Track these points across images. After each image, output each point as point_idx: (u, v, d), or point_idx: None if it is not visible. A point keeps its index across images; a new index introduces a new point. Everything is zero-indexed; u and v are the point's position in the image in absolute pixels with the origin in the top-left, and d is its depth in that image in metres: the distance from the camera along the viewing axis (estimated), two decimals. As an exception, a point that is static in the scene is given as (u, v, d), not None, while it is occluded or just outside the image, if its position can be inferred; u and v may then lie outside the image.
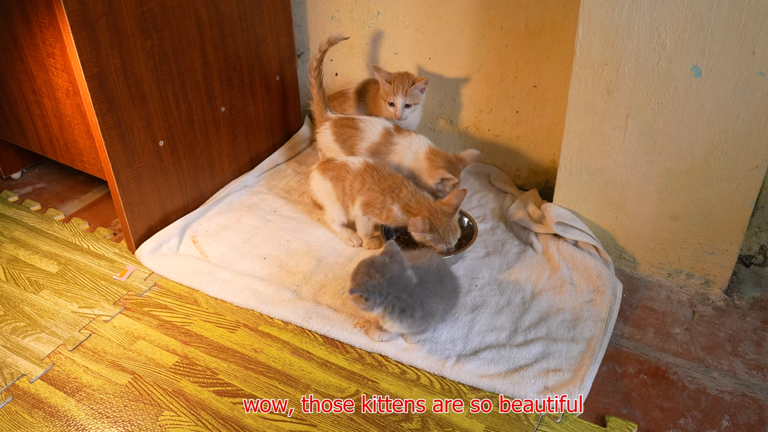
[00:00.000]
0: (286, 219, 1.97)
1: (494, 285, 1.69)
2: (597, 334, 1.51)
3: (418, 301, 1.38)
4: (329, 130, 1.96)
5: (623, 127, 1.57)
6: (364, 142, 1.91)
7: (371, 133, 1.92)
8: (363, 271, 1.36)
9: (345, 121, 1.96)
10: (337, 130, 1.94)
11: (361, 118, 1.95)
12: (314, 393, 1.41)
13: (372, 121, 1.93)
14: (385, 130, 1.92)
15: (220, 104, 1.97)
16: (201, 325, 1.60)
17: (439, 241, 1.67)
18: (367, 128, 1.92)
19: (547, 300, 1.63)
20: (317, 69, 1.96)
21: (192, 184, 1.96)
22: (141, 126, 1.72)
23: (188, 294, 1.70)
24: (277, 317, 1.61)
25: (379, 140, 1.91)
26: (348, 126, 1.94)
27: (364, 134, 1.92)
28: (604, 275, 1.66)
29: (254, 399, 1.39)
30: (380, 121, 1.94)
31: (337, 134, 1.94)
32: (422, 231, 1.64)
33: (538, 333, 1.53)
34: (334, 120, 1.97)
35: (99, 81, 1.58)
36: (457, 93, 2.11)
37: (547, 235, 1.80)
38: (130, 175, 1.75)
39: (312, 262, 1.78)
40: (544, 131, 2.01)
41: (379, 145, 1.91)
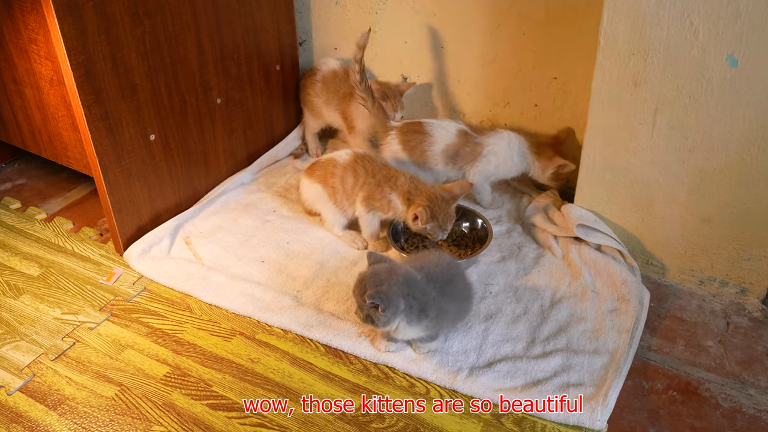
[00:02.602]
0: (285, 219, 1.97)
1: (510, 292, 1.68)
2: (621, 346, 1.50)
3: (432, 297, 1.39)
4: (396, 139, 1.93)
5: (651, 122, 1.56)
6: (436, 146, 1.90)
7: (443, 135, 1.90)
8: (371, 282, 1.35)
9: (411, 126, 1.92)
10: (403, 137, 1.92)
11: (429, 121, 1.93)
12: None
13: (441, 124, 1.92)
14: (461, 132, 1.90)
15: (215, 96, 1.96)
16: (194, 333, 1.59)
17: (437, 229, 1.69)
18: (437, 131, 1.90)
19: (568, 308, 1.62)
20: (363, 81, 1.89)
21: (185, 181, 1.96)
22: (130, 119, 1.72)
23: (180, 300, 1.69)
24: (276, 325, 1.60)
25: (456, 142, 1.89)
26: (415, 131, 1.91)
27: (434, 138, 1.90)
28: (630, 282, 1.65)
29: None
30: (450, 122, 1.93)
31: (404, 142, 1.91)
32: (423, 223, 1.67)
33: (558, 344, 1.52)
34: (399, 127, 1.94)
35: (85, 70, 1.57)
36: (471, 85, 2.11)
37: (568, 239, 1.80)
38: (119, 172, 1.74)
39: (313, 266, 1.77)
40: (564, 126, 2.00)
41: (457, 147, 1.89)
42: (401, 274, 1.37)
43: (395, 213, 1.75)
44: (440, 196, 1.70)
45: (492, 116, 2.12)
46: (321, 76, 2.17)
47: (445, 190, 1.72)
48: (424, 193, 1.70)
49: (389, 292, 1.34)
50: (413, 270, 1.41)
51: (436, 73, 2.16)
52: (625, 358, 1.48)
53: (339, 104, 2.14)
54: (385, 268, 1.37)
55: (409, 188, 1.72)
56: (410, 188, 1.72)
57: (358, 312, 1.40)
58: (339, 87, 2.13)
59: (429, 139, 1.90)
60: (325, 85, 2.15)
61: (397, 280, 1.35)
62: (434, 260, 1.48)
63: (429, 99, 2.22)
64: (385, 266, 1.38)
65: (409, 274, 1.38)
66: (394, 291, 1.34)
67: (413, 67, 2.19)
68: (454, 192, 1.72)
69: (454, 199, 1.72)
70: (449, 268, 1.48)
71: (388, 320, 1.36)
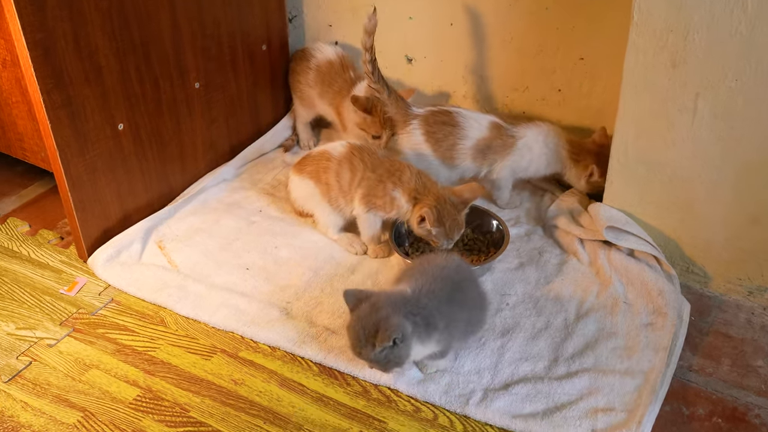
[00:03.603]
0: (273, 220, 1.96)
1: (529, 303, 1.68)
2: (658, 365, 1.50)
3: (434, 307, 1.39)
4: (419, 129, 1.92)
5: (692, 109, 1.56)
6: (467, 140, 1.90)
7: (475, 129, 1.90)
8: (369, 325, 1.34)
9: (438, 116, 1.92)
10: (429, 128, 1.91)
11: (459, 110, 1.93)
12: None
13: (474, 116, 1.92)
14: (494, 125, 1.90)
15: (193, 80, 1.96)
16: (169, 350, 1.59)
17: (442, 237, 1.70)
18: (469, 123, 1.90)
19: (596, 322, 1.62)
20: (374, 72, 1.87)
21: (159, 177, 1.96)
22: (96, 105, 1.72)
23: (153, 312, 1.69)
24: (262, 341, 1.60)
25: (488, 135, 1.89)
26: (443, 123, 1.91)
27: (465, 131, 1.90)
28: (667, 292, 1.65)
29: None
30: (483, 115, 1.93)
31: (429, 134, 1.91)
32: (430, 225, 1.66)
33: (584, 363, 1.52)
34: (424, 116, 1.93)
35: (44, 49, 1.57)
36: (484, 68, 2.11)
37: (596, 243, 1.80)
38: (82, 166, 1.74)
39: (306, 274, 1.77)
40: (592, 114, 2.01)
41: (488, 141, 1.90)
42: (384, 297, 1.37)
43: (399, 213, 1.75)
44: (449, 199, 1.70)
45: (509, 102, 2.12)
46: (315, 64, 2.17)
47: (454, 194, 1.72)
48: (433, 193, 1.70)
49: (393, 320, 1.33)
50: (396, 289, 1.41)
51: (444, 54, 2.15)
52: (661, 379, 1.47)
53: (333, 99, 2.14)
54: (369, 305, 1.37)
55: (415, 185, 1.72)
56: (417, 185, 1.72)
57: (373, 366, 1.40)
58: (334, 80, 2.13)
59: (460, 132, 1.90)
60: (319, 76, 2.16)
61: (387, 304, 1.35)
62: (440, 263, 1.48)
63: (435, 84, 2.22)
64: (367, 304, 1.37)
65: (391, 294, 1.39)
66: (395, 316, 1.34)
67: (418, 47, 2.19)
68: (465, 196, 1.71)
69: (465, 205, 1.71)
70: (458, 271, 1.48)
71: (408, 349, 1.36)
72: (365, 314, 1.36)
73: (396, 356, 1.35)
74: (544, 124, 1.93)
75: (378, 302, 1.36)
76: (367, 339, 1.34)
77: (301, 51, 2.23)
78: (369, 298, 1.39)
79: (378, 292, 1.41)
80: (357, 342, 1.36)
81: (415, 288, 1.41)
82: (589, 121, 2.02)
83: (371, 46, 1.83)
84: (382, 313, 1.34)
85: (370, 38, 1.82)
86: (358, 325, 1.36)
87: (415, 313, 1.37)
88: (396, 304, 1.36)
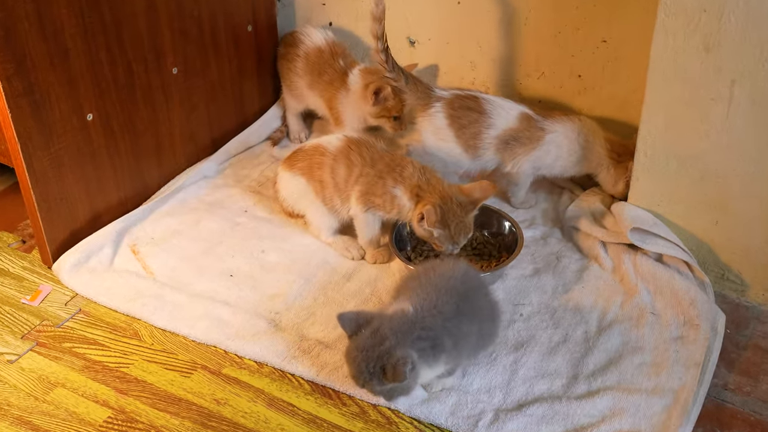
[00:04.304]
0: (260, 222, 1.96)
1: (546, 314, 1.68)
2: (689, 383, 1.49)
3: (440, 325, 1.38)
4: (442, 113, 1.92)
5: (727, 97, 1.55)
6: (493, 129, 1.90)
7: (503, 118, 1.90)
8: (374, 356, 1.33)
9: (464, 101, 1.92)
10: (453, 113, 1.92)
11: (486, 97, 1.94)
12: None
13: (502, 104, 1.93)
14: (524, 116, 1.91)
15: (170, 64, 1.96)
16: (143, 366, 1.59)
17: (446, 240, 1.69)
18: (496, 112, 1.91)
19: (620, 336, 1.62)
20: (388, 60, 1.87)
21: (132, 173, 1.96)
22: (62, 93, 1.72)
23: (126, 324, 1.69)
24: (248, 356, 1.60)
25: (516, 126, 1.90)
26: (469, 108, 1.91)
27: (492, 120, 1.90)
28: (700, 302, 1.65)
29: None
30: (512, 103, 1.94)
31: (452, 117, 1.91)
32: (431, 225, 1.66)
33: (607, 381, 1.52)
34: (449, 99, 1.93)
35: (4, 30, 1.57)
36: (495, 51, 2.11)
37: (620, 246, 1.80)
38: (47, 161, 1.74)
39: (296, 281, 1.77)
40: (616, 103, 2.01)
41: (515, 132, 1.90)
42: (387, 323, 1.36)
43: (400, 212, 1.75)
44: (456, 198, 1.69)
45: (523, 89, 2.12)
46: (303, 51, 2.16)
47: (462, 193, 1.71)
48: (437, 191, 1.70)
49: (400, 353, 1.32)
50: (397, 309, 1.40)
51: (450, 36, 2.15)
52: (693, 399, 1.47)
53: (324, 91, 2.14)
54: (370, 332, 1.36)
55: (418, 181, 1.72)
56: (420, 181, 1.72)
57: (377, 395, 1.39)
58: (324, 70, 2.12)
59: (486, 120, 1.91)
60: (308, 65, 2.15)
61: (391, 333, 1.34)
62: (444, 272, 1.47)
63: (441, 69, 2.22)
64: (369, 331, 1.36)
65: (393, 317, 1.38)
66: (401, 347, 1.33)
67: (422, 27, 2.18)
68: (474, 196, 1.71)
69: (474, 205, 1.71)
70: (465, 281, 1.47)
71: (416, 379, 1.36)
72: (368, 345, 1.34)
73: (403, 388, 1.35)
74: (579, 118, 1.93)
75: (381, 330, 1.35)
76: (372, 374, 1.34)
77: (289, 35, 2.23)
78: (370, 322, 1.38)
79: (379, 315, 1.40)
80: (360, 375, 1.35)
81: (417, 305, 1.40)
82: (612, 110, 2.02)
83: (383, 33, 1.83)
84: (387, 344, 1.33)
85: (381, 25, 1.82)
86: (360, 357, 1.34)
87: (422, 338, 1.36)
88: (401, 332, 1.35)
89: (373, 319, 1.38)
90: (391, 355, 1.32)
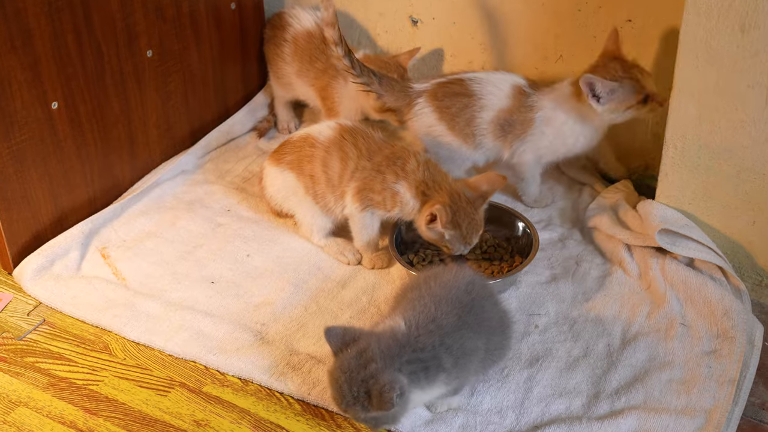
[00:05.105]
0: (245, 222, 1.97)
1: (564, 325, 1.68)
2: (723, 402, 1.49)
3: (437, 343, 1.37)
4: (428, 107, 1.93)
5: (765, 84, 1.55)
6: (485, 112, 1.89)
7: (494, 97, 1.89)
8: (364, 374, 1.32)
9: (449, 86, 1.92)
10: (439, 103, 1.92)
11: (472, 75, 1.93)
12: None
13: (491, 79, 1.91)
14: (516, 90, 1.89)
15: (144, 46, 1.96)
16: (115, 384, 1.59)
17: (458, 242, 1.70)
18: (486, 90, 1.90)
19: (646, 349, 1.62)
20: (354, 65, 1.86)
21: (102, 167, 1.96)
22: (24, 79, 1.72)
23: (95, 337, 1.69)
24: (231, 373, 1.60)
25: (510, 106, 1.89)
26: (456, 93, 1.91)
27: (483, 101, 1.89)
28: (735, 312, 1.65)
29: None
30: (502, 75, 1.92)
31: (440, 109, 1.91)
32: (444, 227, 1.66)
33: (632, 400, 1.52)
34: (431, 90, 1.93)
35: (-40, 9, 1.58)
36: (509, 31, 2.11)
37: (647, 250, 1.80)
38: (7, 155, 1.74)
39: (285, 289, 1.78)
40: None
41: (509, 114, 1.89)
42: (375, 343, 1.35)
43: (402, 211, 1.75)
44: (464, 195, 1.70)
45: (540, 74, 2.11)
46: (291, 35, 2.17)
47: (469, 187, 1.72)
48: (445, 188, 1.70)
49: (386, 377, 1.31)
50: (387, 326, 1.40)
51: (457, 14, 2.15)
52: (728, 420, 1.47)
53: (316, 80, 2.14)
54: (356, 352, 1.35)
55: (423, 176, 1.72)
56: (425, 177, 1.72)
57: (365, 422, 1.39)
58: (315, 56, 2.12)
59: (476, 102, 1.89)
60: (297, 51, 2.16)
61: (378, 355, 1.33)
62: (444, 281, 1.47)
63: (447, 51, 2.22)
64: (354, 350, 1.35)
65: (382, 336, 1.37)
66: (387, 371, 1.32)
67: (425, 5, 2.18)
68: (482, 189, 1.71)
69: (483, 200, 1.71)
70: (469, 290, 1.47)
71: (405, 406, 1.35)
72: (352, 366, 1.33)
73: (390, 416, 1.35)
74: (569, 79, 1.89)
75: (367, 351, 1.34)
76: (355, 399, 1.33)
77: (276, 17, 2.23)
78: (357, 341, 1.37)
79: (368, 333, 1.39)
80: (341, 398, 1.34)
81: (411, 321, 1.39)
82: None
83: (340, 37, 1.82)
84: (372, 368, 1.32)
85: (336, 30, 1.81)
86: (342, 379, 1.34)
87: (414, 360, 1.35)
88: (389, 354, 1.34)
89: (362, 338, 1.37)
90: (376, 380, 1.31)
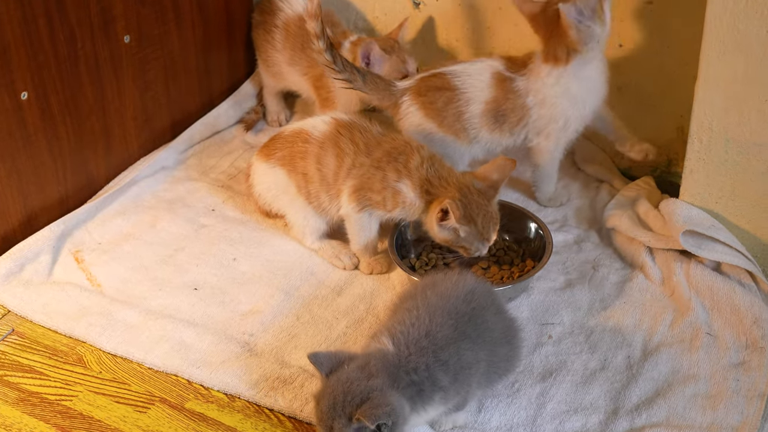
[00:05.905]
0: (230, 223, 1.98)
1: (580, 335, 1.68)
2: (752, 418, 1.50)
3: (431, 362, 1.37)
4: (413, 106, 1.93)
5: (799, 72, 1.57)
6: (473, 105, 1.90)
7: (476, 89, 1.90)
8: (349, 399, 1.31)
9: (430, 81, 1.92)
10: (424, 99, 1.92)
11: (451, 69, 1.93)
12: None
13: (468, 70, 1.92)
14: (497, 78, 1.89)
15: (121, 31, 1.96)
16: (90, 399, 1.59)
17: (475, 239, 1.69)
18: (467, 83, 1.90)
19: (669, 361, 1.62)
20: (336, 60, 1.87)
21: (75, 163, 1.96)
22: (-10, 67, 1.73)
23: (69, 348, 1.69)
24: (216, 387, 1.60)
25: (495, 95, 1.89)
26: (438, 88, 1.91)
27: (466, 94, 1.90)
28: (765, 321, 1.66)
29: None
30: (478, 64, 1.93)
31: (426, 106, 1.92)
32: (457, 222, 1.66)
33: (654, 416, 1.52)
34: (414, 87, 1.93)
35: None
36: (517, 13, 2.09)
37: (670, 253, 1.80)
38: (-28, 149, 1.76)
39: (275, 296, 1.78)
40: (664, 78, 2.01)
41: (497, 104, 1.89)
42: (371, 362, 1.35)
43: (404, 211, 1.75)
44: (474, 187, 1.70)
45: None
46: (282, 20, 2.17)
47: (478, 178, 1.72)
48: (453, 182, 1.70)
49: (389, 394, 1.32)
50: (373, 349, 1.40)
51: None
52: (757, 437, 1.48)
53: (309, 68, 2.14)
54: (355, 365, 1.35)
55: (427, 173, 1.71)
56: (429, 173, 1.72)
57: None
58: (308, 43, 2.11)
59: (460, 96, 1.90)
60: (289, 37, 2.16)
61: (382, 369, 1.34)
62: (446, 290, 1.47)
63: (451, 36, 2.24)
64: (345, 372, 1.35)
65: (376, 356, 1.37)
66: (387, 391, 1.32)
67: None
68: (492, 178, 1.71)
69: (495, 190, 1.71)
70: (471, 298, 1.47)
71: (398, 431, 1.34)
72: (352, 377, 1.33)
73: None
74: (535, 52, 1.90)
75: (368, 366, 1.34)
76: (343, 410, 1.31)
77: (266, 1, 2.23)
78: (353, 359, 1.36)
79: (359, 355, 1.38)
80: (331, 408, 1.32)
81: (398, 340, 1.38)
82: (659, 88, 2.02)
83: (323, 30, 1.83)
84: (375, 383, 1.32)
85: (318, 22, 1.82)
86: (339, 389, 1.33)
87: (405, 385, 1.35)
88: (382, 373, 1.34)
89: (357, 357, 1.37)
90: (381, 394, 1.31)
